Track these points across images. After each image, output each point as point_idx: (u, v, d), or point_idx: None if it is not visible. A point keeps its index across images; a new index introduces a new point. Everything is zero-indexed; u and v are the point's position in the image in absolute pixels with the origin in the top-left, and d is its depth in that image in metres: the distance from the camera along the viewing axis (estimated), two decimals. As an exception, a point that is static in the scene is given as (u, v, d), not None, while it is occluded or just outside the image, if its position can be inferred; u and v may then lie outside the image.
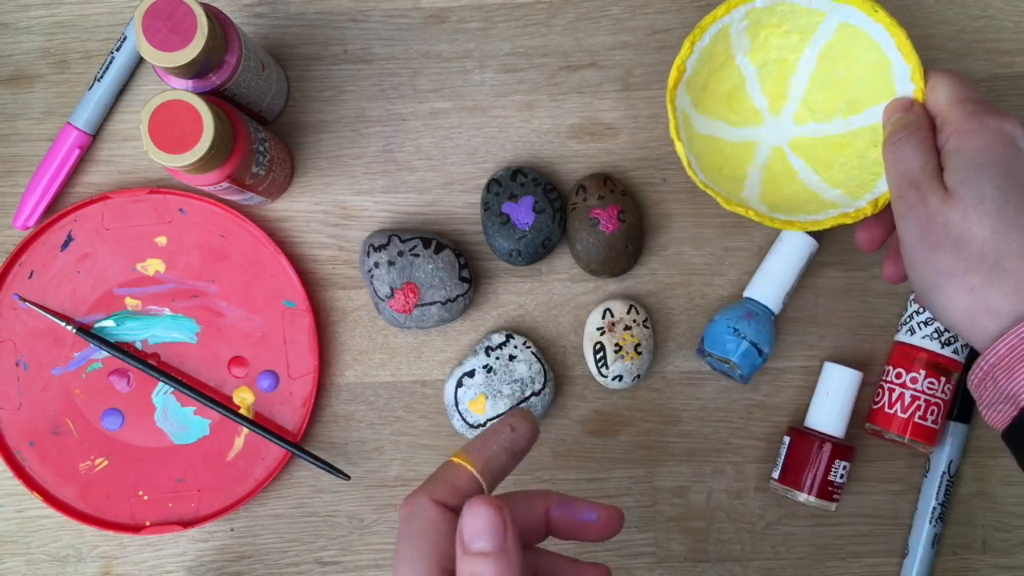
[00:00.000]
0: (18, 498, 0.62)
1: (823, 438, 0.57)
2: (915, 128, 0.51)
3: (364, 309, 0.62)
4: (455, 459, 0.38)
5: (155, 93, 0.59)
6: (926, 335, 0.57)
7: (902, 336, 0.59)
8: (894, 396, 0.58)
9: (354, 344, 0.62)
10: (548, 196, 0.59)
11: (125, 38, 0.60)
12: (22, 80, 0.62)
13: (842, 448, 0.57)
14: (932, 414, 0.58)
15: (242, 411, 0.61)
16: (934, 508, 0.59)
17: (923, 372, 0.57)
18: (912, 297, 0.59)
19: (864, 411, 0.60)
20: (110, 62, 0.60)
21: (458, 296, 0.59)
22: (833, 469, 0.57)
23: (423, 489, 0.37)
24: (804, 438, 0.57)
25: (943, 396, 0.58)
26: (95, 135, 0.62)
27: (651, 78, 0.61)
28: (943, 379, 0.58)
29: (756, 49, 0.58)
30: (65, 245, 0.61)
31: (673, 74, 0.55)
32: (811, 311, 0.61)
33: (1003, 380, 0.44)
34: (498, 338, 0.60)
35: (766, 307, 0.58)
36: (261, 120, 0.60)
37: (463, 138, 0.62)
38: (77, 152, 0.61)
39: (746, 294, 0.59)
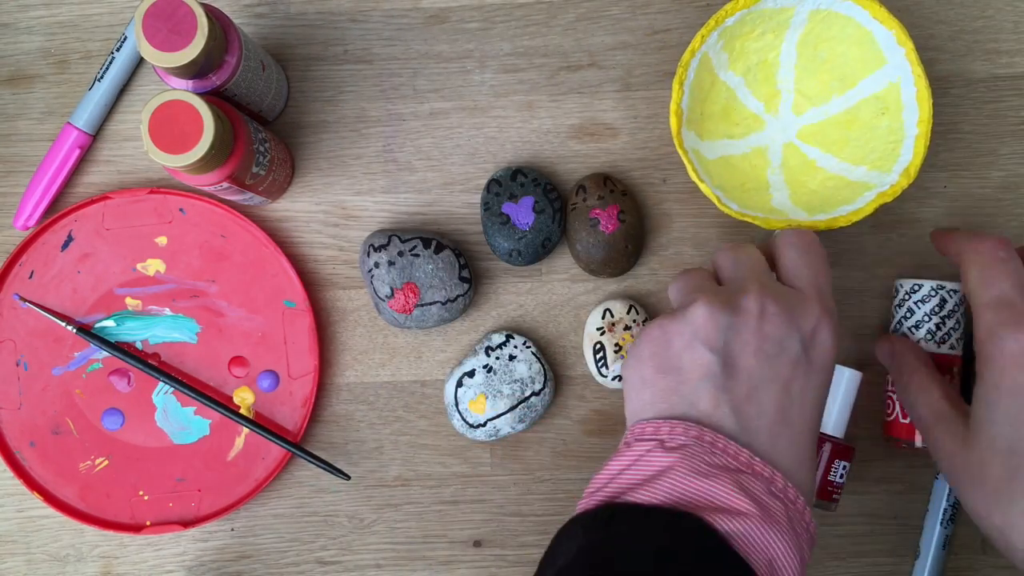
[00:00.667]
0: (18, 498, 0.62)
1: (823, 438, 0.57)
2: (910, 371, 0.53)
3: (364, 309, 0.62)
4: None
5: (155, 93, 0.59)
6: (920, 338, 0.57)
7: None
8: (901, 405, 0.58)
9: (354, 344, 0.62)
10: (548, 196, 0.59)
11: (125, 38, 0.61)
12: (22, 80, 0.62)
13: (842, 448, 0.57)
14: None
15: (242, 411, 0.61)
16: (945, 510, 0.59)
17: None
18: (896, 302, 0.58)
19: (864, 410, 0.60)
20: (110, 62, 0.60)
21: (458, 296, 0.59)
22: (833, 469, 0.57)
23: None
24: None
25: None
26: (95, 135, 0.62)
27: (651, 78, 0.61)
28: (946, 376, 0.57)
29: (735, 60, 0.58)
30: (65, 245, 0.61)
31: (673, 120, 0.55)
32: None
33: None
34: (498, 338, 0.60)
35: None
36: (261, 120, 0.60)
37: (463, 138, 0.62)
38: (77, 152, 0.61)
39: None
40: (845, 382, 0.57)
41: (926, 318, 0.57)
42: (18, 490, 0.62)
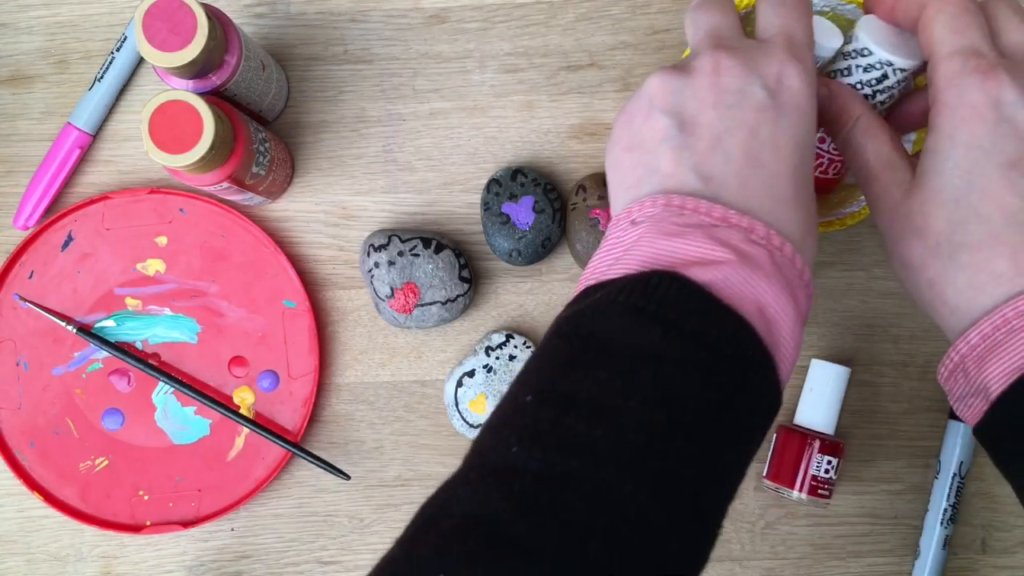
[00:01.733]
0: (19, 498, 0.62)
1: (809, 434, 0.57)
2: (853, 113, 0.46)
3: (364, 309, 0.62)
4: None
5: (155, 93, 0.59)
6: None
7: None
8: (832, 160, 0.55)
9: (354, 344, 0.62)
10: (548, 196, 0.59)
11: (125, 38, 0.61)
12: (22, 80, 0.62)
13: (829, 443, 0.57)
14: (834, 171, 0.55)
15: (242, 411, 0.61)
16: (945, 510, 0.59)
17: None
18: (843, 49, 0.50)
19: (857, 408, 0.60)
20: (110, 62, 0.60)
21: (458, 296, 0.59)
22: (817, 464, 0.57)
23: None
24: (790, 435, 0.58)
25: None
26: (95, 135, 0.62)
27: (651, 78, 0.61)
28: None
29: None
30: (65, 245, 0.61)
31: None
32: (811, 311, 0.61)
33: (973, 372, 0.41)
34: (498, 338, 0.60)
35: None
36: (261, 120, 0.60)
37: (463, 138, 0.62)
38: (77, 152, 0.61)
39: None
40: (833, 378, 0.57)
41: (860, 86, 0.50)
42: (18, 490, 0.62)
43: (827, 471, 0.57)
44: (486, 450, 0.37)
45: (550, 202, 0.59)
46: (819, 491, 0.57)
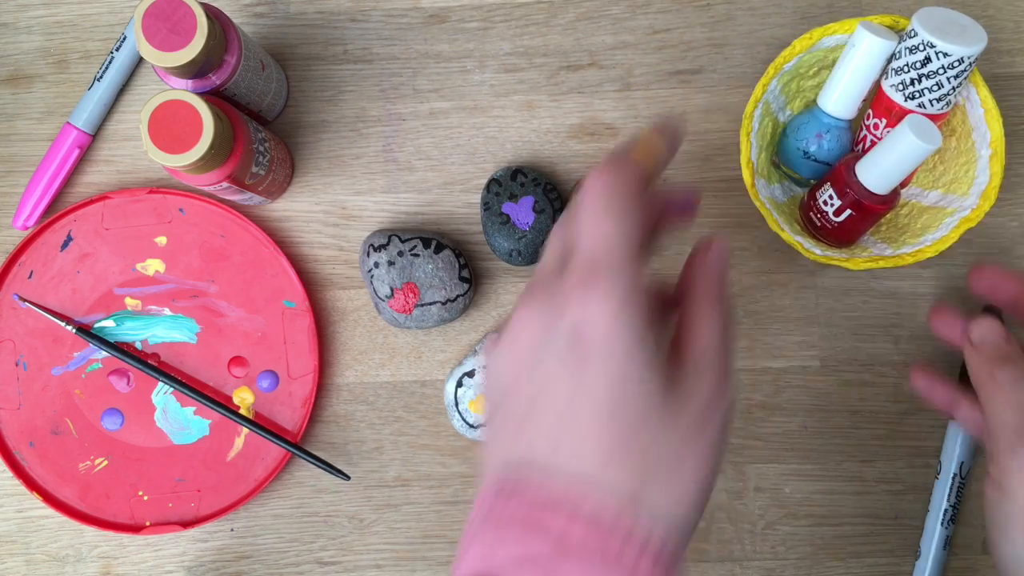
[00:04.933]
0: (18, 498, 0.62)
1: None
2: (1001, 358, 0.50)
3: (364, 309, 0.62)
4: (640, 151, 0.41)
5: (155, 93, 0.59)
6: (892, 83, 0.55)
7: (883, 81, 0.56)
8: (867, 144, 0.57)
9: (354, 344, 0.62)
10: (548, 196, 0.59)
11: (125, 38, 0.60)
12: (22, 80, 0.62)
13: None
14: None
15: (242, 411, 0.61)
16: (946, 510, 0.59)
17: (884, 120, 0.56)
18: (898, 46, 0.54)
19: (857, 407, 0.60)
20: (110, 62, 0.60)
21: (458, 296, 0.59)
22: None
23: (625, 159, 0.39)
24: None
25: None
26: (95, 135, 0.62)
27: (651, 78, 0.61)
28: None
29: (792, 99, 0.58)
30: (65, 245, 0.61)
31: (746, 174, 0.55)
32: (811, 311, 0.61)
33: None
34: (498, 338, 0.60)
35: (839, 120, 0.56)
36: (261, 120, 0.60)
37: (463, 138, 0.62)
38: (77, 152, 0.61)
39: (819, 103, 0.56)
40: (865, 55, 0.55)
41: (907, 68, 0.53)
42: (18, 490, 0.62)
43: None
44: None
45: (550, 202, 0.59)
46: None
